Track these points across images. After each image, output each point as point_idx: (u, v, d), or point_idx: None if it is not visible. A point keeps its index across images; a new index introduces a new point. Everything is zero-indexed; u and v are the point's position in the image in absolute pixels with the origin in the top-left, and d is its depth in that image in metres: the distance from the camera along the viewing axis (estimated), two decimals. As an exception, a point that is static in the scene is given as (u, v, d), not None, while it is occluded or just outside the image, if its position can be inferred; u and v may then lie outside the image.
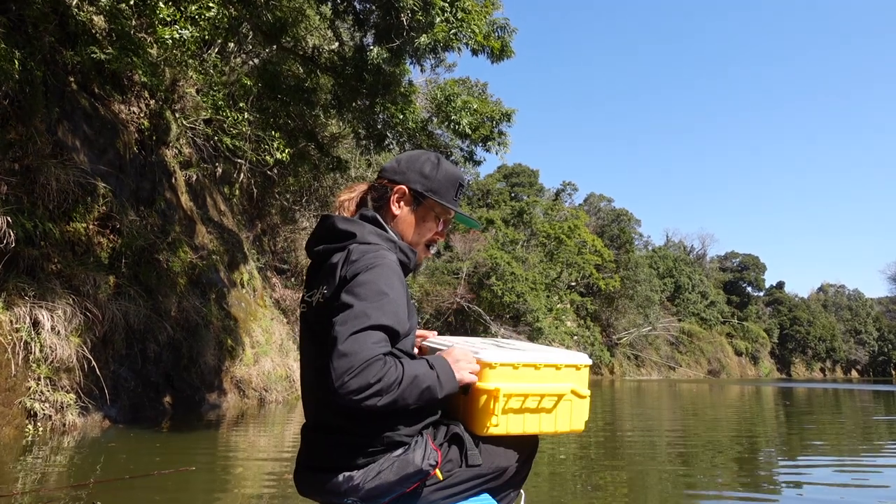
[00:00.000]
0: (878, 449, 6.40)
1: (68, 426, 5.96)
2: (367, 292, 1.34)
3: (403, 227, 1.59)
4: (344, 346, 1.28)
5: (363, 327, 1.30)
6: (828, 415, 11.06)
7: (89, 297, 6.49)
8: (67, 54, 7.38)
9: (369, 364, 1.27)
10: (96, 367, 6.22)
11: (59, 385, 6.00)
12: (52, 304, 5.88)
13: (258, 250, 14.76)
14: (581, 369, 1.64)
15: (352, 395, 1.26)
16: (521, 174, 44.78)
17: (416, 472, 1.43)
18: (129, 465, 4.11)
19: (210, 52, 10.87)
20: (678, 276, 52.66)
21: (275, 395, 10.70)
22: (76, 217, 6.82)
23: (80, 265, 6.60)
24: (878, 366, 72.82)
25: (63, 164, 6.64)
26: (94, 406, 6.41)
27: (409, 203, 1.58)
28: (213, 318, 9.45)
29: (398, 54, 5.38)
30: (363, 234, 1.49)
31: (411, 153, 1.65)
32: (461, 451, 1.51)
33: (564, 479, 4.44)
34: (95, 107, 7.96)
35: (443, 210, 1.61)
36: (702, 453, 5.77)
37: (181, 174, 10.33)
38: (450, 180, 1.60)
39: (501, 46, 5.56)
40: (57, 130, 6.94)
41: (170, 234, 8.73)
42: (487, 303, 29.20)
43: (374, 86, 5.69)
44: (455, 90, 6.29)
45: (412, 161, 1.61)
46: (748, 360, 59.00)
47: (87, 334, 6.34)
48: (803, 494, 3.98)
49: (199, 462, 4.52)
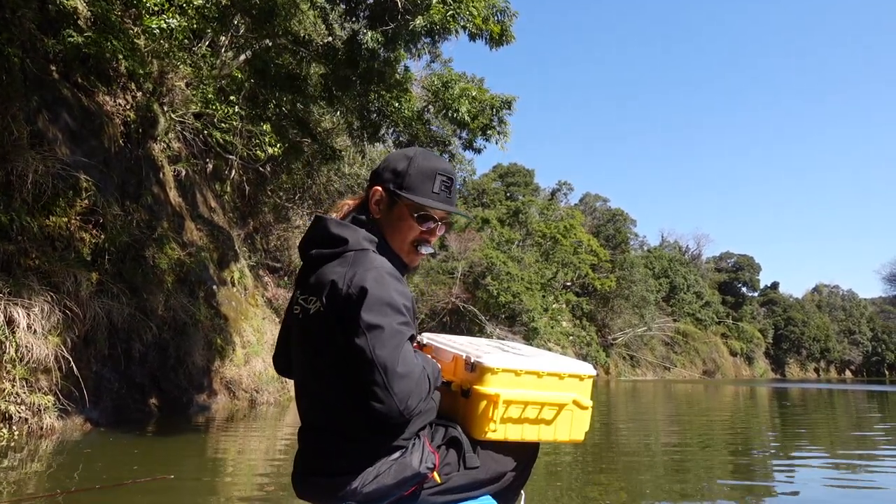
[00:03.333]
0: (875, 449, 6.22)
1: (46, 429, 5.67)
2: (386, 308, 1.34)
3: (386, 230, 1.52)
4: (401, 368, 1.32)
5: (401, 344, 1.35)
6: (824, 415, 10.90)
7: (69, 294, 6.20)
8: (49, 42, 7.09)
9: (420, 380, 1.36)
10: (76, 368, 5.94)
11: (37, 386, 5.71)
12: (29, 301, 5.59)
13: (250, 248, 14.47)
14: (584, 379, 1.63)
15: (415, 412, 1.35)
16: (517, 173, 44.64)
17: (413, 476, 1.41)
18: (103, 473, 3.84)
19: (201, 45, 10.60)
20: (673, 276, 52.62)
21: (266, 396, 10.43)
22: (57, 211, 6.53)
23: (60, 261, 6.31)
24: (872, 366, 73.11)
25: (42, 155, 6.35)
26: (74, 408, 6.12)
27: (384, 203, 1.52)
28: (202, 317, 9.16)
29: (393, 39, 5.12)
30: (356, 240, 1.45)
31: (393, 152, 1.63)
32: (459, 455, 1.50)
33: (560, 479, 4.23)
34: (78, 97, 7.67)
35: (416, 206, 1.50)
36: (699, 453, 5.55)
37: (169, 169, 10.04)
38: (424, 173, 1.50)
39: (501, 31, 5.29)
40: (36, 120, 6.65)
41: (156, 230, 8.45)
42: (483, 303, 29.00)
43: (367, 72, 5.43)
44: (453, 76, 6.03)
45: (388, 160, 1.56)
46: (743, 360, 59.06)
47: (67, 333, 6.05)
48: (806, 496, 3.78)
49: (182, 468, 4.26)
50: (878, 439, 7.00)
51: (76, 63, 7.74)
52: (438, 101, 5.92)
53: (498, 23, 5.28)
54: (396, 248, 1.52)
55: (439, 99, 5.89)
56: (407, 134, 6.74)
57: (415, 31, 4.86)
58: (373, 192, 1.52)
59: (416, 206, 1.50)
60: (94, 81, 8.13)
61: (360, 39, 5.29)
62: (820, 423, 9.35)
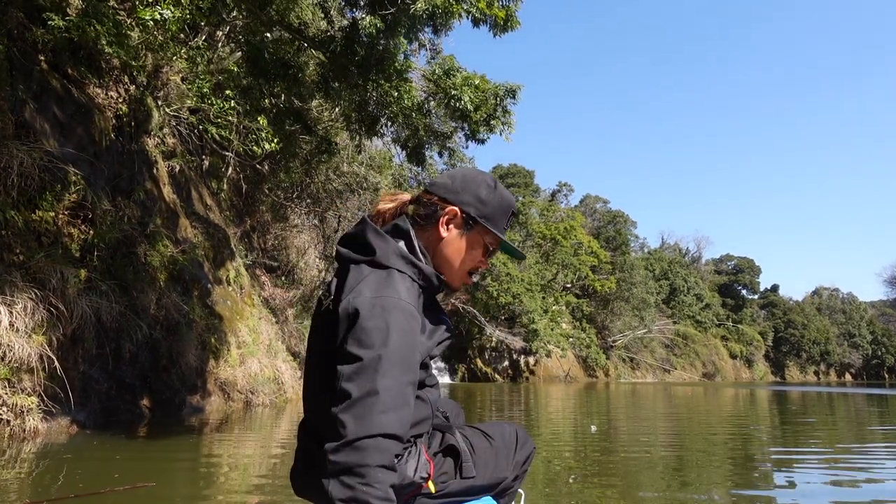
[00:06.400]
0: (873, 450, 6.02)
1: (29, 432, 5.44)
2: (374, 342, 1.21)
3: (449, 252, 1.48)
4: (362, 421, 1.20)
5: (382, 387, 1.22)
6: (823, 418, 10.69)
7: (56, 291, 5.97)
8: (38, 32, 6.87)
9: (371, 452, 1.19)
10: (61, 368, 5.70)
11: (20, 387, 5.47)
12: (11, 297, 5.36)
13: (246, 247, 14.24)
14: None
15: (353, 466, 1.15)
16: (517, 175, 44.49)
17: (408, 485, 1.37)
18: (81, 480, 3.61)
19: (197, 39, 10.38)
20: (673, 278, 52.49)
21: (262, 397, 10.20)
22: (43, 205, 6.30)
23: (46, 257, 6.08)
24: (872, 369, 73.03)
25: (29, 146, 6.12)
26: (60, 410, 5.89)
27: (459, 227, 1.47)
28: (195, 316, 8.93)
29: (392, 25, 4.90)
30: (385, 254, 1.37)
31: (465, 171, 1.54)
32: (456, 464, 1.47)
33: (559, 477, 4.03)
34: (68, 89, 7.44)
35: (493, 239, 1.50)
36: (699, 456, 5.34)
37: (163, 164, 9.82)
38: (504, 208, 1.51)
39: (506, 16, 5.06)
40: (23, 111, 6.42)
41: (149, 227, 8.22)
42: (483, 304, 28.81)
43: (366, 60, 5.19)
44: (454, 65, 5.78)
45: (468, 181, 1.49)
46: (743, 362, 58.91)
47: (53, 332, 5.82)
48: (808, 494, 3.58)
49: (166, 475, 4.02)
50: (879, 444, 6.81)
51: (66, 53, 7.51)
52: (440, 91, 5.69)
53: (503, 7, 5.05)
54: (447, 269, 1.48)
55: (441, 88, 5.66)
56: (406, 127, 6.50)
57: (416, 16, 4.63)
58: (448, 211, 1.46)
59: (495, 240, 1.50)
60: (84, 73, 7.91)
61: (358, 26, 5.05)
62: (819, 426, 9.18)
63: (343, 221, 16.94)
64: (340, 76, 5.53)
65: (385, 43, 5.11)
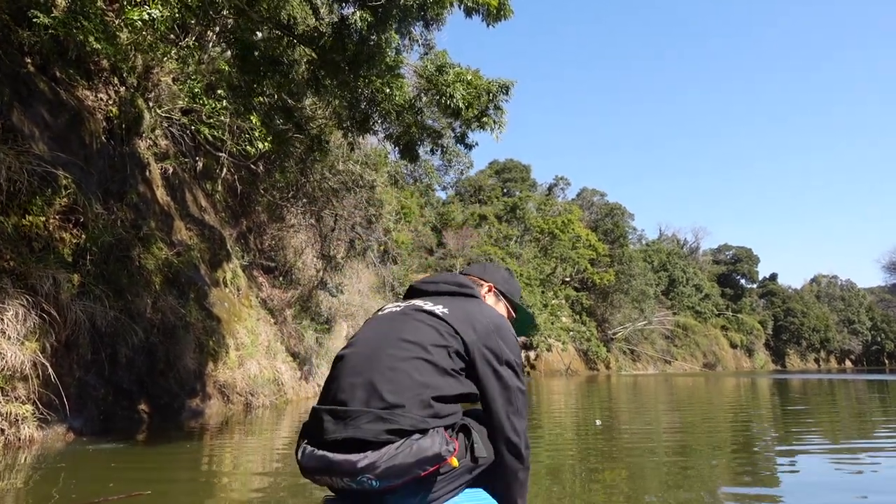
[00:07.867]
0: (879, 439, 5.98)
1: (24, 441, 5.36)
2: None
3: None
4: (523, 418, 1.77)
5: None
6: (826, 404, 10.66)
7: (48, 297, 5.88)
8: (23, 34, 6.76)
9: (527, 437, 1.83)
10: (55, 375, 5.62)
11: (14, 395, 5.39)
12: (2, 304, 5.27)
13: (243, 248, 14.14)
14: None
15: (524, 456, 1.74)
16: (513, 169, 44.40)
17: (434, 457, 1.48)
18: (75, 490, 3.53)
19: (188, 39, 10.26)
20: (672, 269, 52.47)
21: (262, 399, 10.13)
22: (33, 209, 6.20)
23: (37, 262, 5.99)
24: (872, 355, 73.21)
25: (17, 150, 6.03)
26: (56, 418, 5.81)
27: (494, 296, 2.07)
28: (192, 318, 8.85)
29: (383, 19, 4.80)
30: (480, 295, 1.99)
31: (486, 265, 2.17)
32: (468, 443, 1.60)
33: (562, 472, 3.97)
34: (57, 91, 7.34)
35: (513, 308, 2.13)
36: (705, 451, 5.29)
37: (156, 167, 9.72)
38: (517, 289, 2.15)
39: (499, 4, 4.96)
40: (10, 114, 6.32)
41: (142, 230, 8.13)
42: (482, 299, 28.71)
43: (356, 56, 5.10)
44: (447, 61, 5.67)
45: (494, 270, 2.13)
46: (743, 352, 58.99)
47: (46, 338, 5.73)
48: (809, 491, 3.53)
49: (161, 483, 3.95)
50: (881, 430, 6.77)
51: (54, 56, 7.41)
52: (432, 88, 5.60)
53: (497, -5, 4.94)
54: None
55: (433, 85, 5.56)
56: (398, 125, 6.40)
57: (407, 6, 4.53)
58: (489, 287, 2.07)
59: (513, 307, 2.13)
60: (73, 75, 7.80)
61: (348, 21, 4.95)
62: (822, 412, 9.16)
63: (339, 220, 16.83)
64: (331, 73, 5.43)
65: (376, 38, 5.02)
